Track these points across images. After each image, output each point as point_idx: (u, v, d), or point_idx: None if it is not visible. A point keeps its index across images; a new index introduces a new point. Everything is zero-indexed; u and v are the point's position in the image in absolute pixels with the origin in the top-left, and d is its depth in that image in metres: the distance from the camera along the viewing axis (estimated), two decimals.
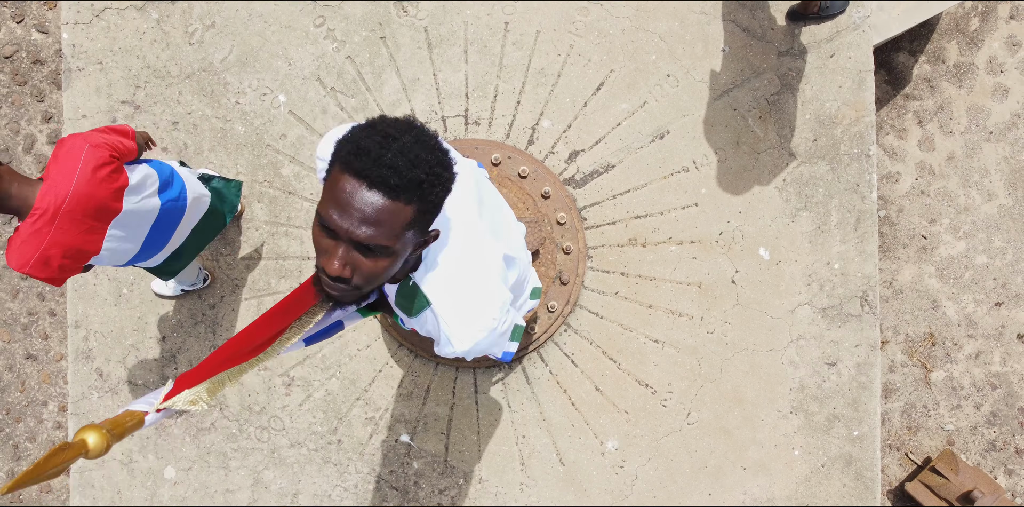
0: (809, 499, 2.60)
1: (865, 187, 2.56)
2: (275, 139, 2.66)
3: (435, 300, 1.23)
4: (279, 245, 2.67)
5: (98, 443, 1.02)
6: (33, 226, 1.69)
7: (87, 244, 1.80)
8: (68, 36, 2.69)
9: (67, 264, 1.79)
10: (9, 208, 1.70)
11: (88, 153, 1.73)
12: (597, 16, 2.59)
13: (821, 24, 2.57)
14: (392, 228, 0.96)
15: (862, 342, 2.57)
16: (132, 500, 2.72)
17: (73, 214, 1.72)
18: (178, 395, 1.18)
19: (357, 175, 0.94)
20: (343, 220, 0.95)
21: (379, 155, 0.93)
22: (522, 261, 1.42)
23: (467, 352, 1.27)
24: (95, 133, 1.83)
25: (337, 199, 0.95)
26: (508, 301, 1.33)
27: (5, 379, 3.40)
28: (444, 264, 1.23)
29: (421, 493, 2.66)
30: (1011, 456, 3.21)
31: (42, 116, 3.40)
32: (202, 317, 2.69)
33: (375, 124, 0.97)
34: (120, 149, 1.84)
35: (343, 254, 0.99)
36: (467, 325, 1.23)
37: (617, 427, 2.61)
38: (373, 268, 1.01)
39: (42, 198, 1.69)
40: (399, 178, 0.93)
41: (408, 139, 0.96)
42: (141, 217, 1.94)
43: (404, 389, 2.66)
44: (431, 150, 0.97)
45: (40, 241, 1.70)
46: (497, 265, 1.31)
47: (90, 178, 1.73)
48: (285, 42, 2.64)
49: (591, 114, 2.61)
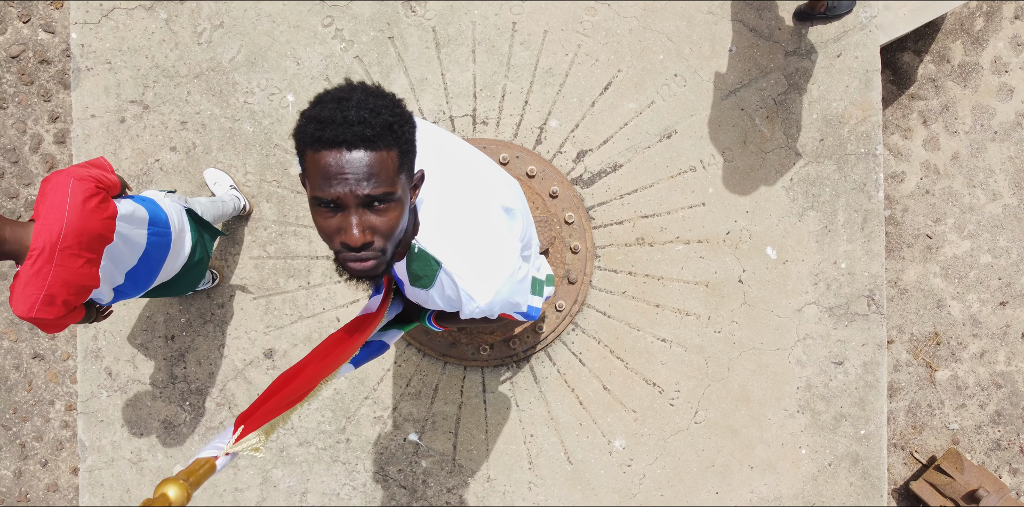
0: (816, 498, 2.61)
1: (872, 186, 2.57)
2: (283, 138, 2.66)
3: (444, 258, 1.24)
4: (287, 244, 2.68)
5: (179, 495, 1.07)
6: (33, 267, 1.69)
7: (87, 278, 1.80)
8: (77, 36, 2.70)
9: (71, 300, 1.78)
10: (6, 253, 1.70)
11: (75, 186, 1.73)
12: (605, 16, 2.60)
13: (828, 24, 2.58)
14: (388, 175, 1.00)
15: (869, 341, 2.58)
16: (141, 498, 2.73)
17: (70, 249, 1.71)
18: (243, 440, 1.23)
19: (333, 144, 0.96)
20: (342, 185, 0.97)
21: (343, 118, 0.96)
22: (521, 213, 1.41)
23: (491, 305, 1.27)
24: (77, 168, 1.83)
25: (327, 173, 0.97)
26: (517, 248, 1.33)
27: (12, 378, 3.40)
28: (441, 220, 1.25)
29: (429, 492, 2.67)
30: (1016, 455, 3.22)
31: (49, 115, 3.40)
32: (211, 316, 2.70)
33: (320, 99, 1.00)
34: (104, 182, 1.84)
35: (357, 221, 1.01)
36: (482, 277, 1.24)
37: (625, 426, 2.62)
38: (388, 221, 1.03)
39: (36, 238, 1.68)
40: (371, 128, 0.97)
41: (358, 94, 0.99)
42: (128, 247, 1.92)
43: (412, 388, 2.66)
44: (382, 96, 1.01)
45: (43, 281, 1.70)
46: (496, 215, 1.31)
47: (81, 210, 1.72)
48: (293, 42, 2.65)
49: (599, 114, 2.62)
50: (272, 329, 2.68)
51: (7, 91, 3.40)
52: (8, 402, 3.41)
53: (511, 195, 1.38)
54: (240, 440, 1.22)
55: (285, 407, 1.26)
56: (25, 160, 3.40)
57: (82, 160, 2.75)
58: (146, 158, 2.70)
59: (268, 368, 2.68)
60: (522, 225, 1.40)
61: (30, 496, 3.41)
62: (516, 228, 1.36)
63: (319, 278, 2.67)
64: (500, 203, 1.32)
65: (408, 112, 1.05)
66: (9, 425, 3.40)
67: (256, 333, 2.68)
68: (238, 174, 2.68)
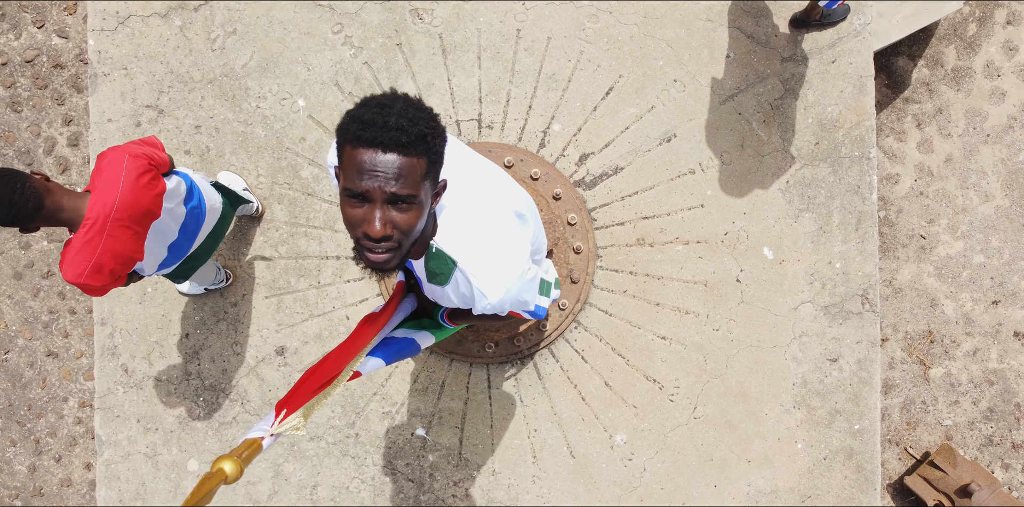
0: (812, 491, 2.69)
1: (866, 189, 2.65)
2: (295, 142, 2.74)
3: (459, 258, 1.34)
4: (298, 245, 2.76)
5: (234, 469, 1.19)
6: (86, 236, 1.80)
7: (134, 250, 1.91)
8: (94, 42, 2.78)
9: (117, 270, 1.90)
10: (62, 220, 1.80)
11: (129, 163, 1.84)
12: (606, 23, 2.68)
13: (823, 31, 2.65)
14: (414, 179, 1.09)
15: (863, 339, 2.66)
16: (156, 492, 2.81)
17: (121, 221, 1.83)
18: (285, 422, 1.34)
19: (371, 144, 1.06)
20: (373, 180, 1.07)
21: (384, 122, 1.05)
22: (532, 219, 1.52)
23: (501, 302, 1.36)
24: (132, 145, 1.94)
25: (361, 168, 1.07)
26: (527, 250, 1.43)
27: (27, 376, 3.48)
28: (459, 224, 1.35)
29: (436, 485, 2.75)
30: (1008, 450, 3.29)
31: (62, 119, 3.48)
32: (224, 315, 2.78)
33: (367, 102, 1.10)
34: (156, 160, 1.95)
35: (380, 215, 1.10)
36: (495, 274, 1.34)
37: (626, 421, 2.70)
38: (407, 219, 1.13)
39: (91, 208, 1.80)
40: (407, 136, 1.06)
41: (400, 104, 1.08)
42: (173, 222, 2.05)
43: (419, 384, 2.74)
44: (421, 108, 1.11)
45: (93, 250, 1.81)
46: (510, 218, 1.41)
47: (133, 185, 1.83)
48: (304, 48, 2.73)
49: (600, 118, 2.69)
50: (284, 327, 2.76)
51: (22, 95, 3.48)
52: (23, 399, 3.48)
53: (523, 202, 1.48)
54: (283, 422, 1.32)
55: (317, 391, 1.37)
56: (39, 162, 3.47)
57: None
58: None
59: (280, 365, 2.76)
60: (533, 230, 1.50)
61: (44, 491, 3.49)
62: (527, 232, 1.45)
63: (329, 278, 2.75)
64: (512, 209, 1.42)
65: (442, 127, 1.14)
66: (24, 421, 3.48)
67: (268, 331, 2.76)
68: (250, 177, 2.76)
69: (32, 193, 1.72)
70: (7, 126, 3.45)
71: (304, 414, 1.35)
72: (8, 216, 1.70)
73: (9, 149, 3.46)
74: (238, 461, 1.19)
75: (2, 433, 3.48)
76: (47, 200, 1.75)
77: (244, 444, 1.27)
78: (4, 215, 1.70)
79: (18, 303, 3.45)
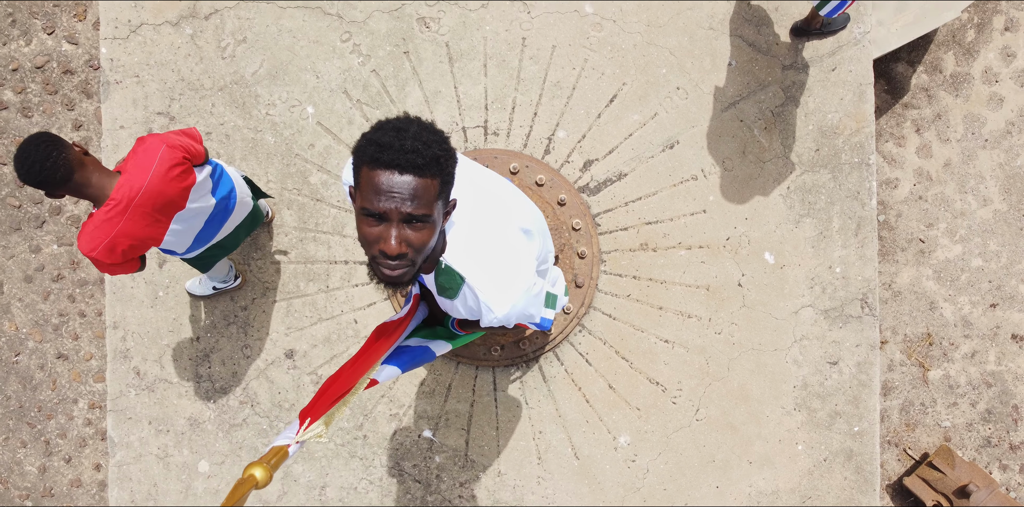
0: (812, 491, 2.74)
1: (865, 194, 2.70)
2: (303, 149, 2.79)
3: (467, 274, 1.40)
4: (307, 249, 2.80)
5: (264, 475, 1.27)
6: (107, 214, 1.85)
7: (152, 234, 1.97)
8: (107, 51, 2.82)
9: (129, 251, 1.95)
10: (87, 195, 1.85)
11: (164, 152, 1.89)
12: (610, 31, 2.73)
13: (823, 39, 2.70)
14: (428, 200, 1.15)
15: (862, 342, 2.70)
16: (168, 492, 2.85)
17: (144, 207, 1.88)
18: (309, 429, 1.41)
19: (387, 166, 1.11)
20: (390, 201, 1.12)
21: (400, 145, 1.11)
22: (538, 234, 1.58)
23: (507, 316, 1.42)
24: (172, 134, 1.99)
25: (379, 189, 1.12)
26: (533, 265, 1.48)
27: (37, 378, 3.52)
28: (468, 241, 1.40)
29: (443, 486, 2.80)
30: (1005, 452, 3.34)
31: (72, 124, 3.52)
32: (234, 318, 2.83)
33: (383, 125, 1.16)
34: (192, 151, 2.00)
35: (396, 234, 1.16)
36: (501, 289, 1.40)
37: (629, 423, 2.74)
38: (421, 238, 1.18)
39: (118, 189, 1.85)
40: (422, 158, 1.11)
41: (415, 127, 1.14)
42: (199, 213, 2.10)
43: (426, 387, 2.79)
44: (434, 132, 1.17)
45: (111, 229, 1.86)
46: (516, 235, 1.47)
47: (164, 175, 1.88)
48: (313, 56, 2.77)
49: (604, 125, 2.74)
50: (293, 330, 2.81)
51: (32, 100, 3.53)
52: (33, 400, 3.53)
53: (529, 218, 1.53)
54: (307, 430, 1.37)
55: (337, 400, 1.42)
56: None
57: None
58: None
59: (289, 368, 2.81)
60: (539, 245, 1.55)
61: (54, 491, 3.53)
62: (533, 248, 1.51)
63: (337, 282, 2.79)
64: (519, 225, 1.47)
65: (453, 149, 1.20)
66: (34, 423, 3.52)
67: (277, 334, 2.81)
68: (260, 183, 2.80)
69: (64, 163, 1.77)
70: (18, 131, 3.50)
71: (326, 422, 1.41)
72: (36, 179, 1.75)
73: None
74: (267, 467, 1.26)
75: (13, 434, 3.52)
76: (77, 173, 1.80)
77: (272, 451, 1.33)
78: (33, 177, 1.75)
79: (29, 306, 3.50)
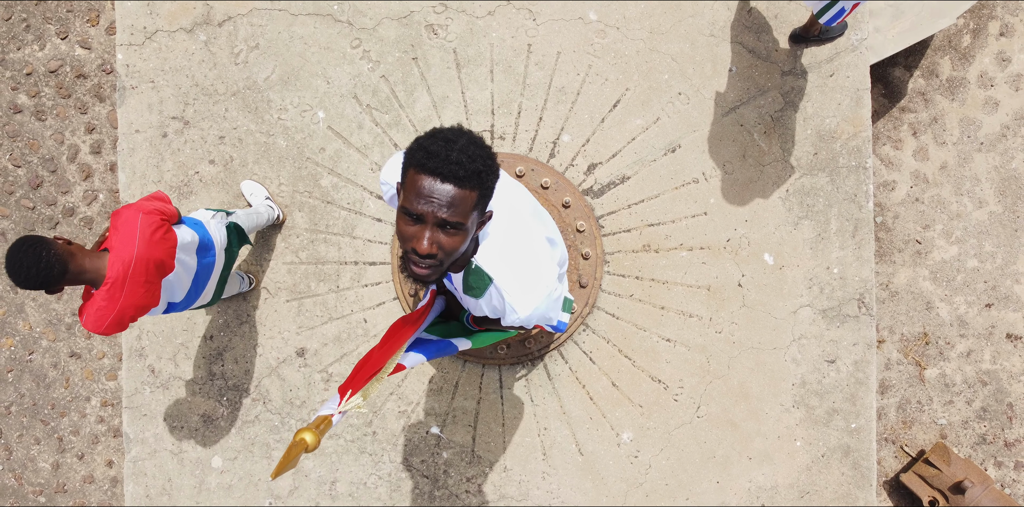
0: (810, 487, 2.81)
1: (862, 197, 2.76)
2: (315, 152, 2.86)
3: (496, 275, 1.48)
4: (318, 251, 2.87)
5: (313, 439, 1.39)
6: (108, 293, 1.96)
7: (150, 300, 2.07)
8: (122, 57, 2.89)
9: (135, 317, 2.08)
10: (85, 280, 1.96)
11: (143, 220, 2.00)
12: (614, 38, 2.79)
13: (821, 46, 2.76)
14: (464, 209, 1.22)
15: (859, 341, 2.77)
16: (182, 487, 2.92)
17: (138, 276, 1.98)
18: (351, 401, 1.52)
19: (432, 173, 1.18)
20: (428, 205, 1.20)
21: (446, 155, 1.18)
22: (560, 243, 1.70)
23: (528, 318, 1.51)
24: (143, 202, 2.09)
25: (420, 193, 1.20)
26: (555, 272, 1.57)
27: (50, 376, 3.59)
28: (499, 246, 1.49)
29: (450, 481, 2.87)
30: (1000, 449, 3.39)
31: (85, 127, 3.59)
32: (247, 317, 2.90)
33: (435, 133, 1.23)
34: (167, 213, 2.11)
35: (429, 235, 1.24)
36: (526, 292, 1.48)
37: (632, 420, 2.81)
38: (452, 243, 1.26)
39: (111, 267, 1.95)
40: (464, 170, 1.18)
41: (463, 141, 1.21)
42: (186, 274, 2.19)
43: (434, 385, 2.86)
44: (481, 147, 1.23)
45: (115, 305, 1.98)
46: (542, 244, 1.56)
47: (148, 241, 1.99)
48: (324, 62, 2.84)
49: (608, 129, 2.81)
50: (304, 329, 2.88)
51: (46, 104, 3.59)
52: (47, 398, 3.59)
53: (553, 229, 1.64)
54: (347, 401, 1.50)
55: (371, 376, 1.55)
56: (63, 169, 3.58)
57: (128, 172, 2.94)
58: (187, 170, 2.90)
59: (300, 366, 2.88)
60: (560, 252, 1.66)
61: (67, 487, 3.60)
62: (556, 255, 1.61)
63: (348, 282, 2.86)
64: (545, 234, 1.57)
65: (496, 165, 1.27)
66: (48, 420, 3.59)
67: (289, 333, 2.88)
68: (272, 185, 2.87)
69: (57, 259, 1.85)
70: (32, 134, 3.56)
71: (363, 395, 1.54)
72: (36, 281, 1.84)
73: (34, 156, 3.58)
74: (316, 432, 1.38)
75: (27, 431, 3.59)
76: (71, 264, 1.90)
77: (318, 419, 1.46)
78: (32, 281, 1.83)
79: (42, 306, 3.57)
